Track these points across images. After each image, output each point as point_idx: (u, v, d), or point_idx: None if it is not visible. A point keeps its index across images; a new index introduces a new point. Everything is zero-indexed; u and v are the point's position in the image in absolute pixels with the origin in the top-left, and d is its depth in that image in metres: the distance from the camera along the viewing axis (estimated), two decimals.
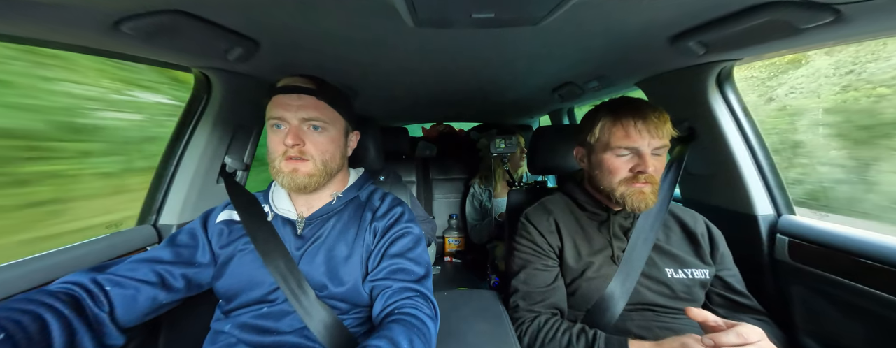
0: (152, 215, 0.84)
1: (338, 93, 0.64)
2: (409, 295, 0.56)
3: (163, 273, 0.57)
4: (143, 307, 0.53)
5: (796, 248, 0.76)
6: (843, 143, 1.23)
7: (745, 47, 0.67)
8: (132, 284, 0.53)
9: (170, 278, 0.57)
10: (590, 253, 0.68)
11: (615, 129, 0.63)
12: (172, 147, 0.86)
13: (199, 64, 0.79)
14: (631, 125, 0.62)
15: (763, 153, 0.84)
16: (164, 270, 0.57)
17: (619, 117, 0.63)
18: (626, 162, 0.63)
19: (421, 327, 0.51)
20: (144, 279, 0.54)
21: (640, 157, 0.62)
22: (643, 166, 0.61)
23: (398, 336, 0.48)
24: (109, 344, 0.49)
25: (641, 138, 0.61)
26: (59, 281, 0.50)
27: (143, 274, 0.55)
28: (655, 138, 0.62)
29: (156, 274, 0.56)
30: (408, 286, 0.57)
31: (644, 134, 0.61)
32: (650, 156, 0.62)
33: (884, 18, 0.50)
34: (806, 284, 0.74)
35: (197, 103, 0.87)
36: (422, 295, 0.57)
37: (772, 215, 0.83)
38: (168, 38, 0.59)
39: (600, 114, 0.67)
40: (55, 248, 0.64)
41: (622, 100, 0.66)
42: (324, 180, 0.62)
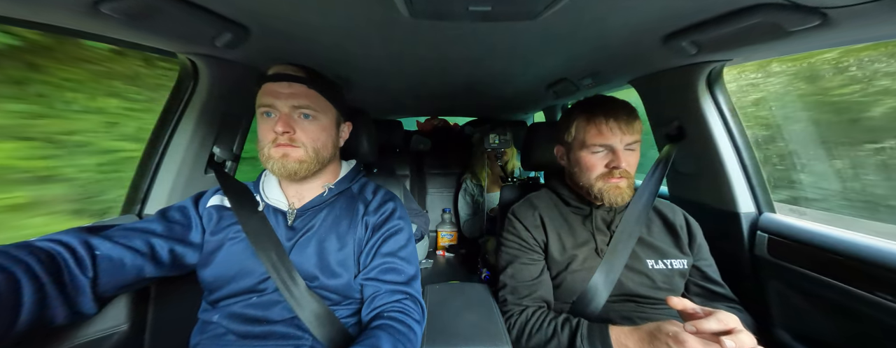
0: (137, 205, 0.82)
1: (329, 83, 0.64)
2: (399, 298, 0.58)
3: (154, 244, 0.55)
4: (127, 277, 0.52)
5: (775, 245, 0.79)
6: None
7: (735, 48, 0.68)
8: (124, 252, 0.51)
9: (160, 251, 0.56)
10: (574, 246, 0.70)
11: (589, 128, 0.66)
12: (157, 134, 0.83)
13: (184, 49, 0.77)
14: (603, 123, 0.65)
15: (747, 153, 0.87)
16: (155, 242, 0.56)
17: (593, 116, 0.66)
18: (601, 158, 0.66)
19: (407, 332, 0.53)
20: (136, 248, 0.53)
21: (614, 153, 0.65)
22: (617, 161, 0.64)
23: (384, 344, 0.49)
24: (81, 311, 0.47)
25: (613, 135, 0.64)
26: (47, 237, 0.48)
27: (136, 244, 0.53)
28: (627, 134, 0.65)
29: (148, 244, 0.55)
30: (398, 288, 0.59)
31: (616, 131, 0.64)
32: (623, 151, 0.65)
33: (869, 24, 0.51)
34: (782, 279, 0.78)
35: (183, 90, 0.84)
36: (411, 297, 0.59)
37: (753, 213, 0.86)
38: (151, 20, 0.57)
39: (575, 114, 0.70)
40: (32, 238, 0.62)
41: (595, 100, 0.69)
42: (315, 168, 0.62)
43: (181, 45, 0.74)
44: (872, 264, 0.61)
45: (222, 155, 0.93)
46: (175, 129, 0.84)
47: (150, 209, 0.82)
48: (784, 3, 0.49)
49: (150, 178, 0.83)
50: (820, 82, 1.21)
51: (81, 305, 0.47)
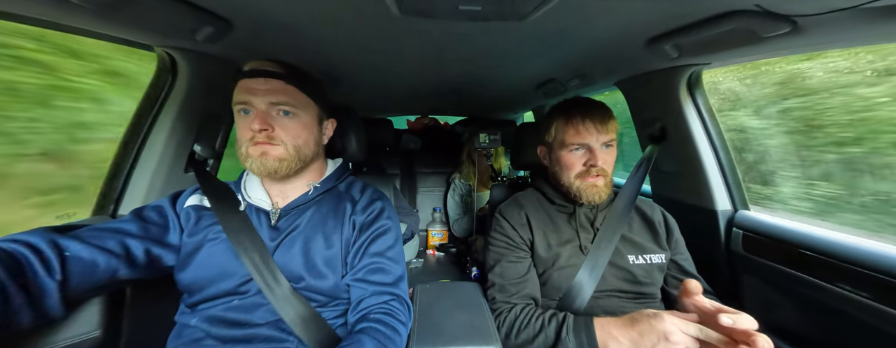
0: (110, 205, 0.78)
1: (309, 78, 0.62)
2: (386, 300, 0.57)
3: (128, 245, 0.53)
4: (100, 279, 0.50)
5: (749, 241, 0.83)
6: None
7: (714, 53, 0.71)
8: (96, 253, 0.49)
9: (136, 252, 0.53)
10: (559, 243, 0.72)
11: (567, 128, 0.69)
12: (133, 131, 0.79)
13: (162, 43, 0.73)
14: (580, 123, 0.67)
15: (724, 153, 0.91)
16: (130, 243, 0.53)
17: (570, 116, 0.69)
18: (579, 157, 0.69)
19: (392, 335, 0.53)
20: (109, 249, 0.51)
21: (591, 152, 0.68)
22: (594, 160, 0.67)
23: (378, 343, 0.50)
24: (48, 314, 0.45)
25: (590, 134, 0.67)
26: (10, 238, 0.45)
27: (109, 244, 0.51)
28: (602, 133, 0.67)
29: (122, 245, 0.52)
30: (385, 290, 0.58)
31: (592, 130, 0.67)
32: (599, 150, 0.68)
33: (836, 31, 0.54)
34: (756, 273, 0.82)
35: (160, 85, 0.80)
36: (397, 298, 0.59)
37: (729, 210, 0.90)
38: (125, 12, 0.54)
39: (554, 115, 0.72)
40: None
41: (573, 101, 0.72)
42: (296, 166, 0.60)
43: (158, 38, 0.70)
44: (839, 259, 0.65)
45: (203, 153, 0.89)
46: (152, 126, 0.80)
47: (124, 209, 0.79)
48: (757, 10, 0.52)
49: (125, 177, 0.79)
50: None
51: (48, 308, 0.45)
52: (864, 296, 0.61)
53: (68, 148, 1.29)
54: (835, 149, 0.97)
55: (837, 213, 0.94)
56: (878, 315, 0.59)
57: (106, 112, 1.37)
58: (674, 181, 1.02)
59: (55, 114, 1.27)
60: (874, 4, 0.44)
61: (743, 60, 0.79)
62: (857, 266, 0.62)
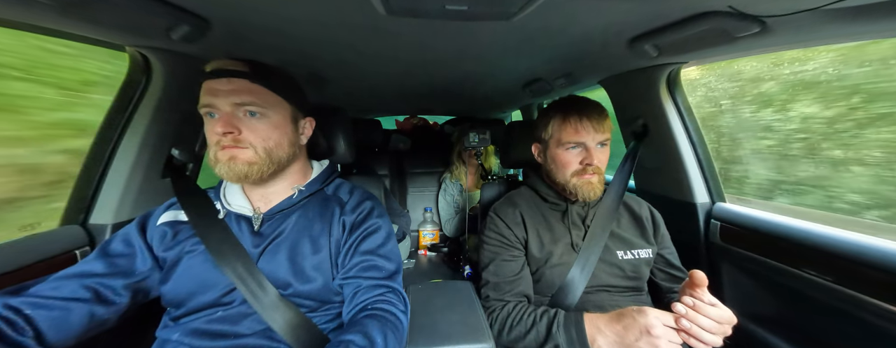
0: (80, 214, 0.74)
1: (278, 76, 0.59)
2: (382, 292, 0.56)
3: (96, 287, 0.51)
4: (77, 326, 0.48)
5: (726, 231, 0.87)
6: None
7: (690, 51, 0.74)
8: (58, 304, 0.47)
9: (106, 292, 0.52)
10: (551, 241, 0.73)
11: (565, 126, 0.70)
12: (104, 135, 0.75)
13: (134, 42, 0.70)
14: (578, 122, 0.69)
15: (701, 148, 0.95)
16: (98, 283, 0.51)
17: (568, 115, 0.70)
18: (576, 155, 0.70)
19: (394, 321, 0.52)
20: (73, 297, 0.49)
21: (587, 151, 0.69)
22: (590, 158, 0.68)
23: (372, 330, 0.48)
24: None
25: (587, 133, 0.68)
26: None
27: (71, 292, 0.49)
28: (599, 133, 0.69)
29: (87, 289, 0.50)
30: (380, 283, 0.57)
31: (589, 129, 0.68)
32: (595, 149, 0.69)
33: (803, 31, 0.57)
34: (733, 262, 0.86)
35: (133, 87, 0.76)
36: (393, 291, 0.57)
37: (708, 203, 0.94)
38: (93, 10, 0.51)
39: (551, 113, 0.73)
40: None
41: (570, 100, 0.73)
42: (268, 169, 0.57)
43: (130, 38, 0.67)
44: (805, 246, 0.69)
45: (182, 157, 0.85)
46: (124, 130, 0.76)
47: (96, 218, 0.74)
48: (730, 11, 0.54)
49: (96, 184, 0.75)
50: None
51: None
52: (827, 280, 0.65)
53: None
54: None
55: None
56: (838, 296, 0.64)
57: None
58: (656, 176, 1.06)
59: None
60: (838, 5, 0.47)
61: (718, 59, 0.83)
62: (820, 252, 0.66)
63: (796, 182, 1.22)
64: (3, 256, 0.58)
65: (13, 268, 0.59)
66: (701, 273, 0.52)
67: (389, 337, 0.49)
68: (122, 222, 0.76)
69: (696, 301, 0.52)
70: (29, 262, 0.61)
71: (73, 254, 0.69)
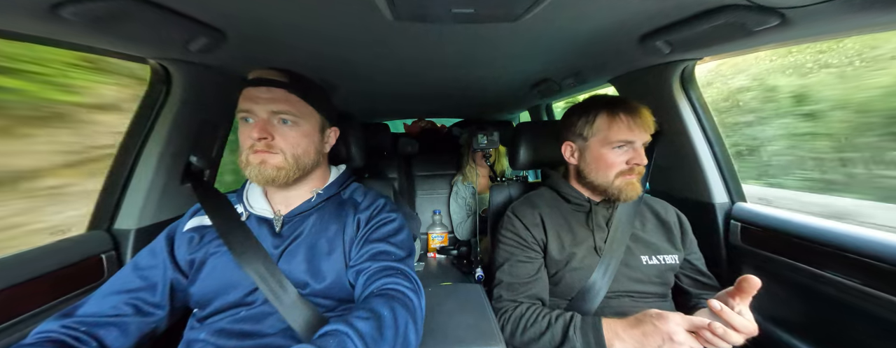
0: (106, 219, 0.77)
1: (312, 87, 0.62)
2: (390, 273, 0.55)
3: (135, 302, 0.54)
4: (134, 335, 0.53)
5: (747, 233, 0.83)
6: None
7: (705, 47, 0.72)
8: (108, 321, 0.51)
9: (145, 305, 0.55)
10: (573, 244, 0.71)
11: (614, 124, 0.67)
12: (127, 144, 0.79)
13: (155, 55, 0.73)
14: (629, 120, 0.66)
15: (719, 146, 0.92)
16: (136, 298, 0.55)
17: (617, 113, 0.67)
18: (621, 155, 0.67)
19: (402, 298, 0.51)
20: (116, 313, 0.53)
21: (635, 150, 0.67)
22: (639, 158, 0.66)
23: (378, 306, 0.47)
24: None
25: (640, 131, 0.66)
26: (34, 334, 0.48)
27: (113, 309, 0.53)
28: (645, 132, 0.67)
29: (128, 304, 0.54)
30: (388, 265, 0.57)
31: (636, 129, 0.66)
32: (640, 149, 0.67)
33: (823, 22, 0.55)
34: (755, 265, 0.82)
35: (154, 97, 0.80)
36: (402, 272, 0.56)
37: (727, 203, 0.91)
38: (118, 25, 0.54)
39: (593, 111, 0.69)
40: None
41: (614, 98, 0.71)
42: (294, 175, 0.60)
43: (151, 51, 0.70)
44: (831, 246, 0.66)
45: (199, 163, 0.89)
46: (147, 139, 0.79)
47: (121, 223, 0.78)
48: (747, 4, 0.52)
49: (121, 191, 0.78)
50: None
51: None
52: (856, 282, 0.62)
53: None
54: None
55: None
56: (868, 300, 0.60)
57: None
58: (670, 175, 1.03)
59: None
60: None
61: (733, 53, 0.80)
62: (848, 252, 0.63)
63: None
64: (36, 260, 0.62)
65: (45, 272, 0.62)
66: (755, 278, 0.50)
67: (398, 311, 0.47)
68: (145, 227, 0.79)
69: (724, 306, 0.49)
70: (59, 266, 0.64)
71: (99, 257, 0.72)
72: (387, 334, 0.43)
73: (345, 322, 0.42)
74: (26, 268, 0.60)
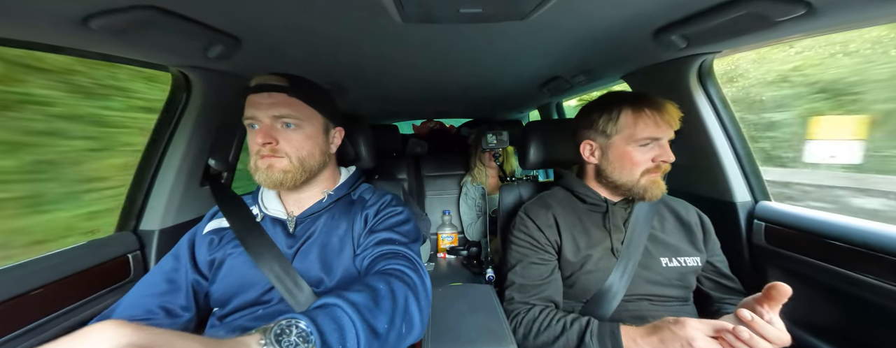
0: (132, 221, 0.81)
1: (313, 90, 0.63)
2: (390, 256, 0.55)
3: (165, 304, 0.57)
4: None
5: (772, 232, 0.80)
6: None
7: (724, 40, 0.69)
8: (143, 322, 0.53)
9: (173, 307, 0.58)
10: (588, 245, 0.69)
11: (640, 121, 0.64)
12: (151, 149, 0.82)
13: (176, 62, 0.76)
14: (657, 115, 0.63)
15: (740, 143, 0.88)
16: (164, 301, 0.57)
17: (642, 109, 0.64)
18: (647, 152, 0.65)
19: (400, 274, 0.50)
20: (149, 316, 0.55)
21: (661, 147, 0.65)
22: (667, 155, 0.64)
23: (373, 281, 0.46)
24: None
25: (667, 127, 0.64)
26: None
27: (146, 312, 0.56)
28: (672, 128, 0.65)
29: (160, 308, 0.57)
30: (390, 249, 0.57)
31: (664, 124, 0.64)
32: (666, 145, 0.65)
33: (852, 10, 0.52)
34: (780, 266, 0.79)
35: (176, 103, 0.83)
36: (402, 254, 0.56)
37: (750, 202, 0.87)
38: (142, 35, 0.57)
39: (616, 107, 0.66)
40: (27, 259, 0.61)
41: (638, 94, 0.68)
42: (301, 177, 0.61)
43: (172, 58, 0.73)
44: (867, 247, 0.62)
45: (217, 166, 0.92)
46: (169, 143, 0.83)
47: (145, 224, 0.81)
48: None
49: (145, 193, 0.82)
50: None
51: None
52: (891, 284, 0.58)
53: None
54: None
55: None
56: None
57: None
58: (688, 174, 0.99)
59: None
60: None
61: (754, 46, 0.77)
62: (883, 253, 0.59)
63: None
64: (68, 260, 0.65)
65: (79, 270, 0.66)
66: (785, 286, 0.47)
67: (395, 284, 0.46)
68: (168, 228, 0.82)
69: (755, 316, 0.47)
70: (89, 266, 0.68)
71: (126, 257, 0.75)
72: (383, 304, 0.42)
73: (336, 295, 0.41)
74: (64, 267, 0.64)
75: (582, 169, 0.77)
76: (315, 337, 0.34)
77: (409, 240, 0.61)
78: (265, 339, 0.32)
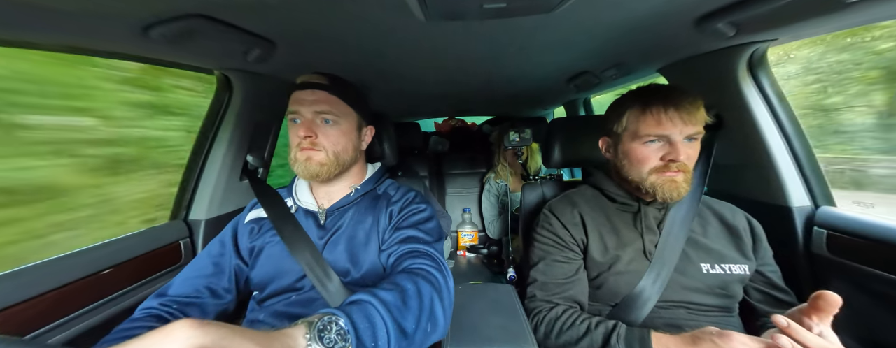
0: (183, 211, 0.90)
1: (351, 89, 0.67)
2: (415, 255, 0.57)
3: (210, 286, 0.62)
4: (211, 314, 0.61)
5: (835, 241, 0.71)
6: None
7: (781, 27, 0.61)
8: (190, 301, 0.60)
9: (217, 289, 0.63)
10: (617, 246, 0.66)
11: (644, 117, 0.61)
12: (199, 146, 0.90)
13: (220, 66, 0.83)
14: (661, 112, 0.60)
15: (799, 141, 0.79)
16: (209, 283, 0.63)
17: (649, 105, 0.61)
18: (656, 150, 0.62)
19: (426, 274, 0.52)
20: (196, 295, 0.61)
21: (672, 145, 0.60)
22: (675, 154, 0.59)
23: (401, 280, 0.48)
24: None
25: (673, 125, 0.59)
26: (140, 309, 0.58)
27: (194, 291, 0.61)
28: (689, 125, 0.59)
29: (205, 288, 0.62)
30: (415, 247, 0.59)
31: (676, 121, 0.59)
32: (682, 143, 0.60)
33: None
34: (846, 279, 0.70)
35: (219, 104, 0.90)
36: (428, 254, 0.58)
37: (808, 207, 0.78)
38: (192, 41, 0.62)
39: (628, 103, 0.64)
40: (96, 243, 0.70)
41: (651, 88, 0.64)
42: (335, 170, 0.64)
43: (217, 62, 0.79)
44: None
45: (255, 162, 0.99)
46: (214, 140, 0.91)
47: (193, 214, 0.90)
48: None
49: (194, 186, 0.90)
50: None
51: None
52: None
53: None
54: None
55: None
56: None
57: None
58: (734, 174, 0.91)
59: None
60: None
61: (819, 32, 0.68)
62: None
63: None
64: (131, 245, 0.74)
65: (137, 254, 0.74)
66: (834, 295, 0.43)
67: (421, 284, 0.48)
68: (212, 218, 0.90)
69: (792, 323, 0.43)
70: (146, 251, 0.76)
71: (177, 244, 0.84)
72: (411, 304, 0.44)
73: (369, 292, 0.43)
74: (127, 250, 0.72)
75: (611, 167, 0.74)
76: (351, 336, 0.36)
77: (433, 239, 0.62)
78: (310, 334, 0.34)
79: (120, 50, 0.65)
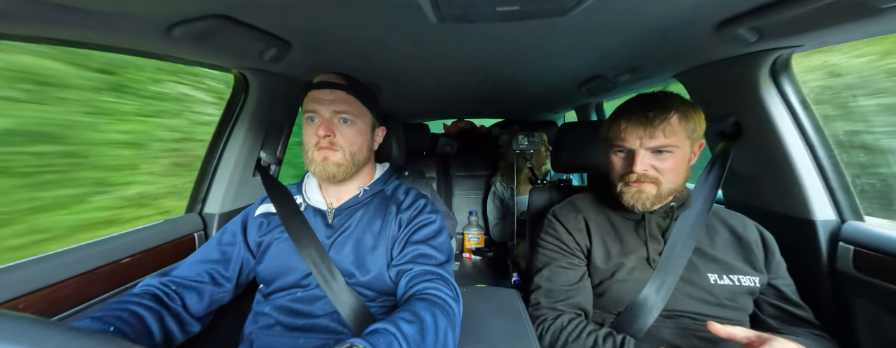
0: (198, 204, 0.92)
1: (366, 89, 0.68)
2: (431, 278, 0.58)
3: (212, 272, 0.64)
4: (206, 301, 0.62)
5: (862, 258, 0.67)
6: None
7: (806, 33, 0.59)
8: (190, 284, 0.61)
9: (218, 276, 0.64)
10: (621, 253, 0.65)
11: (613, 127, 0.65)
12: (215, 142, 0.93)
13: (238, 65, 0.85)
14: (624, 123, 0.62)
15: (825, 151, 0.75)
16: (212, 269, 0.64)
17: (618, 116, 0.64)
18: (621, 160, 0.64)
19: (443, 305, 0.53)
20: (198, 279, 0.62)
21: (631, 157, 0.62)
22: (632, 166, 0.61)
23: (421, 310, 0.49)
24: (189, 330, 0.59)
25: (634, 138, 0.61)
26: (140, 286, 0.60)
27: (197, 275, 0.62)
28: (652, 138, 0.60)
29: (207, 273, 0.63)
30: (429, 269, 0.59)
31: (638, 132, 0.60)
32: (646, 155, 0.61)
33: None
34: (873, 299, 0.66)
35: (236, 101, 0.93)
36: (442, 278, 0.58)
37: (833, 221, 0.74)
38: (212, 40, 0.64)
39: (614, 112, 0.67)
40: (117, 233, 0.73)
41: (635, 98, 0.66)
42: (351, 170, 0.65)
43: (235, 61, 0.82)
44: None
45: (267, 159, 1.01)
46: (229, 137, 0.93)
47: (208, 208, 0.92)
48: None
49: (209, 181, 0.93)
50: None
51: (188, 325, 0.59)
52: None
53: None
54: None
55: None
56: None
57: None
58: (752, 184, 0.87)
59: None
60: None
61: (847, 39, 0.65)
62: None
63: None
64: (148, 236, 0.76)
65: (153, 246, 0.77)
66: (718, 326, 0.44)
67: (439, 317, 0.49)
68: (226, 212, 0.93)
69: (722, 327, 0.43)
70: (162, 242, 0.78)
71: (192, 237, 0.86)
72: (428, 339, 0.46)
73: (392, 323, 0.45)
74: (145, 241, 0.75)
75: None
76: None
77: (444, 258, 0.63)
78: None
79: (144, 48, 0.68)
